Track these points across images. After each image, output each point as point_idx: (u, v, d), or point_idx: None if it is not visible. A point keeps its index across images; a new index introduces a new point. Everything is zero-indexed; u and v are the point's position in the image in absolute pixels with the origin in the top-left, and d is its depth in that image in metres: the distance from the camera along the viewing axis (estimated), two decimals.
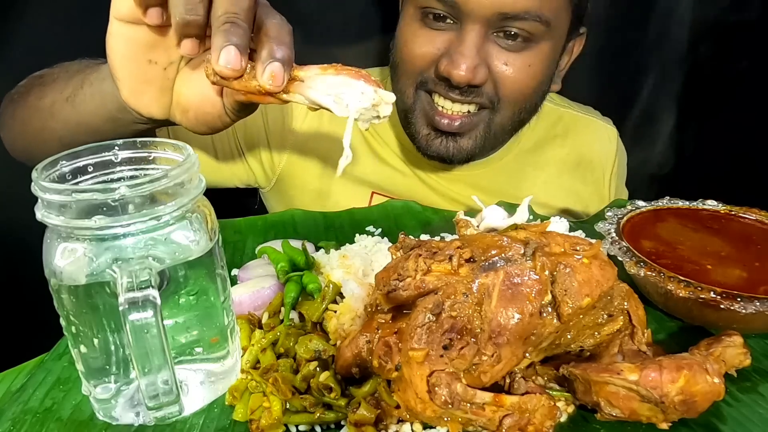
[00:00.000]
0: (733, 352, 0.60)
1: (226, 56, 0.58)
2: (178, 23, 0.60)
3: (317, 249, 0.86)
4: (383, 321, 0.58)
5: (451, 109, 1.04)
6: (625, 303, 0.61)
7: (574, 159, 1.28)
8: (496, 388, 0.57)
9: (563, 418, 0.59)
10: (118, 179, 0.59)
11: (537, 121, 1.23)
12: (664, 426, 0.56)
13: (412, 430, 0.57)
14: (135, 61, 0.68)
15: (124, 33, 0.66)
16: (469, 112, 1.04)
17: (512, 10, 0.94)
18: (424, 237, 0.92)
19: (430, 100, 1.06)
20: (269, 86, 0.59)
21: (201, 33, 0.61)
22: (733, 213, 0.84)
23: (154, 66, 0.69)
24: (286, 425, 0.58)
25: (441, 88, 1.02)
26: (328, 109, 0.62)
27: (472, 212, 0.86)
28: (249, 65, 0.60)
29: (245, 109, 0.70)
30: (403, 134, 1.16)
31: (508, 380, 0.58)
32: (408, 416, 0.57)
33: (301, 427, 0.58)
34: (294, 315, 0.71)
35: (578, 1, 1.03)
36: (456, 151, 1.08)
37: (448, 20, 0.99)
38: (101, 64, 0.83)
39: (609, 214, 0.83)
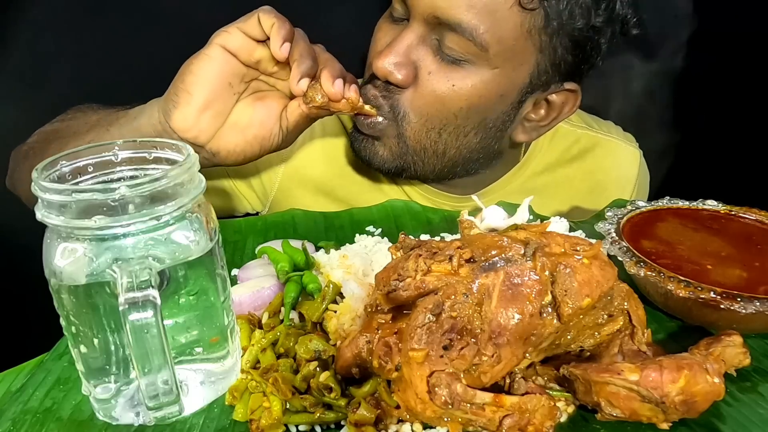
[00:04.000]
0: (733, 351, 0.60)
1: (339, 85, 0.83)
2: (306, 69, 0.82)
3: (317, 249, 0.86)
4: (383, 321, 0.58)
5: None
6: (625, 303, 0.61)
7: (587, 186, 1.21)
8: (496, 388, 0.57)
9: (563, 419, 0.59)
10: (118, 179, 0.59)
11: (550, 144, 1.19)
12: (665, 426, 0.56)
13: (412, 430, 0.57)
14: (217, 81, 0.82)
15: (224, 59, 0.82)
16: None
17: (444, 16, 0.87)
18: (424, 237, 0.92)
19: None
20: (358, 102, 0.86)
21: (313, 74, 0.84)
22: (733, 213, 0.84)
23: (229, 89, 0.84)
24: (286, 425, 0.58)
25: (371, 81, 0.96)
26: None
27: (472, 213, 0.86)
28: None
29: (295, 131, 0.90)
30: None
31: (508, 380, 0.58)
32: (408, 416, 0.57)
33: (301, 427, 0.58)
34: (294, 315, 0.71)
35: (554, 51, 0.93)
36: (371, 156, 1.01)
37: (405, 19, 0.95)
38: (122, 109, 0.93)
39: (609, 214, 0.83)
